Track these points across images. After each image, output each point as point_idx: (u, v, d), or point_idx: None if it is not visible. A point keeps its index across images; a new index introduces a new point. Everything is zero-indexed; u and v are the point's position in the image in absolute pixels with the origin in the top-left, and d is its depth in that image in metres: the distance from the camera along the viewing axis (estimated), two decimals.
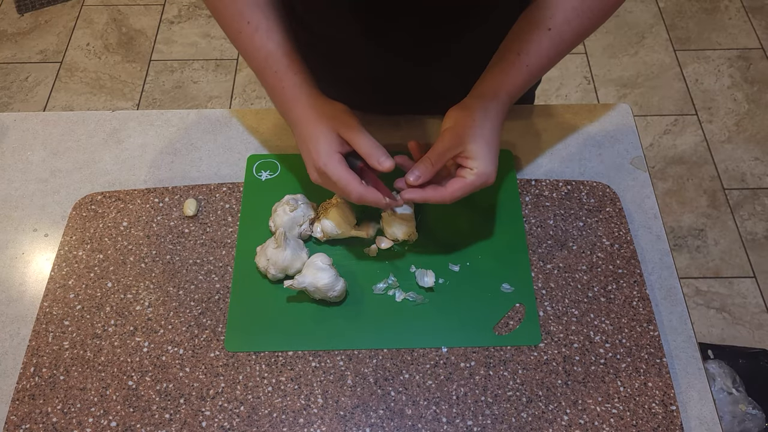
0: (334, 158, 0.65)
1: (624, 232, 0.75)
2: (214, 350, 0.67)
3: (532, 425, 0.63)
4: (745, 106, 1.99)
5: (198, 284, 0.72)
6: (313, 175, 0.68)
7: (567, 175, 0.81)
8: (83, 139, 0.85)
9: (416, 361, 0.67)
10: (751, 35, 2.15)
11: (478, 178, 0.65)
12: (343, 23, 0.76)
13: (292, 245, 0.70)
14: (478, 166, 0.65)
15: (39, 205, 0.79)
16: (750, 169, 1.85)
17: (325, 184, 0.67)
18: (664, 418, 0.63)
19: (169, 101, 2.02)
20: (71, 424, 0.63)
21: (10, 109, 1.99)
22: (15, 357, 0.68)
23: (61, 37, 2.17)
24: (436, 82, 0.83)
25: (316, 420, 0.63)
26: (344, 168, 0.65)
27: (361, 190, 0.64)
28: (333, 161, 0.65)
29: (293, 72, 0.68)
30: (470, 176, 0.65)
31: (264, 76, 0.70)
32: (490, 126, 0.66)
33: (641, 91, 2.02)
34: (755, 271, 1.67)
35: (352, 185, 0.64)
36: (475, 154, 0.65)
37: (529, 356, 0.67)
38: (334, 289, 0.67)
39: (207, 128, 0.86)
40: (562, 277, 0.72)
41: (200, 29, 2.20)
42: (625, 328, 0.68)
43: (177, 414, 0.64)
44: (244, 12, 0.68)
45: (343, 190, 0.65)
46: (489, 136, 0.66)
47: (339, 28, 0.78)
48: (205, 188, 0.79)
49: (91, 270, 0.73)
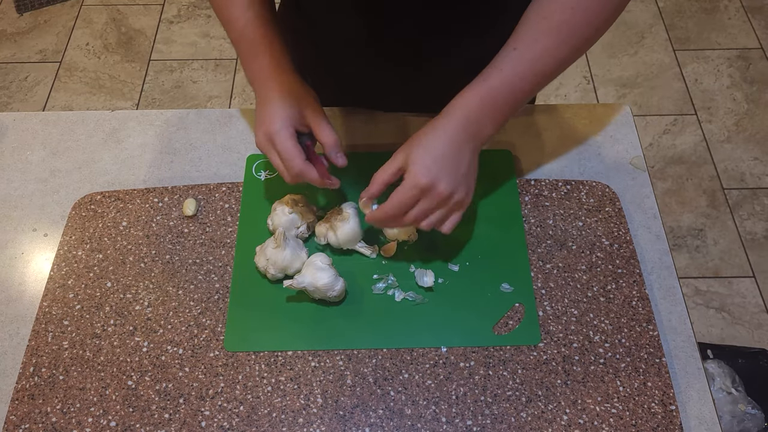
0: (288, 129, 0.67)
1: (623, 232, 0.75)
2: (214, 350, 0.67)
3: (532, 425, 0.63)
4: (744, 105, 1.99)
5: (197, 284, 0.72)
6: (260, 138, 0.69)
7: (566, 174, 0.81)
8: (82, 138, 0.85)
9: (416, 360, 0.67)
10: (750, 35, 2.15)
11: (408, 178, 0.63)
12: (338, 20, 0.77)
13: (291, 245, 0.70)
14: (411, 170, 0.63)
15: (38, 205, 0.79)
16: (749, 168, 1.85)
17: (267, 151, 0.68)
18: (664, 417, 0.63)
19: (169, 101, 2.02)
20: (71, 423, 0.63)
21: (9, 108, 1.99)
22: (14, 357, 0.68)
23: (61, 37, 2.17)
24: (434, 83, 0.83)
25: (315, 420, 0.63)
26: (293, 142, 0.67)
27: (302, 165, 0.66)
28: (286, 131, 0.66)
29: (269, 42, 0.69)
30: (402, 184, 0.64)
31: (240, 43, 0.70)
32: (434, 136, 0.64)
33: (641, 91, 2.03)
34: (754, 271, 1.67)
35: (296, 160, 0.66)
36: (412, 159, 0.63)
37: (528, 356, 0.67)
38: (333, 288, 0.67)
39: (206, 128, 0.86)
40: (561, 276, 0.72)
41: (200, 29, 2.19)
42: (625, 327, 0.68)
43: (176, 414, 0.64)
44: None
45: (286, 161, 0.66)
46: (428, 143, 0.64)
47: (340, 26, 0.78)
48: (205, 188, 0.79)
49: (91, 270, 0.73)
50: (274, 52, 0.70)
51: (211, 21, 2.21)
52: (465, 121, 0.64)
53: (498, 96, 0.65)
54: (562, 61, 0.65)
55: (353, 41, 0.79)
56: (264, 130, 0.67)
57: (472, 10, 0.74)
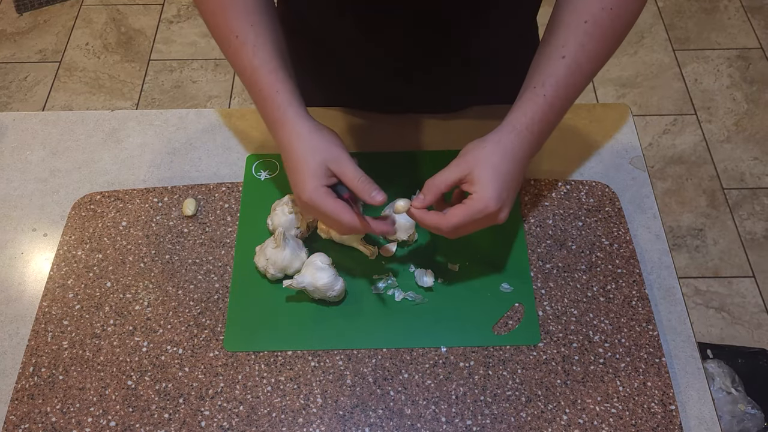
0: (320, 191, 0.63)
1: (623, 232, 0.75)
2: (214, 350, 0.67)
3: (531, 425, 0.63)
4: (744, 105, 1.99)
5: (197, 284, 0.72)
6: (301, 206, 0.66)
7: (566, 174, 0.81)
8: (82, 138, 0.85)
9: (415, 360, 0.67)
10: (750, 35, 2.15)
11: (477, 203, 0.61)
12: (337, 19, 0.76)
13: (291, 245, 0.70)
14: (477, 191, 0.61)
15: (38, 205, 0.79)
16: (749, 168, 1.85)
17: (312, 214, 0.66)
18: (663, 417, 0.63)
19: (168, 101, 2.02)
20: (70, 423, 0.63)
21: (9, 108, 1.99)
22: (14, 357, 0.68)
23: (60, 37, 2.17)
24: (431, 82, 0.83)
25: (315, 420, 0.63)
26: (332, 199, 0.63)
27: (354, 219, 0.63)
28: (320, 194, 0.63)
29: (276, 91, 0.65)
30: (469, 201, 0.62)
31: (251, 92, 0.68)
32: (502, 155, 0.63)
33: (640, 91, 2.03)
34: (754, 271, 1.67)
35: (345, 215, 0.63)
36: (477, 178, 0.62)
37: (528, 356, 0.67)
38: (333, 288, 0.67)
39: (206, 128, 0.86)
40: (561, 276, 0.72)
41: (199, 29, 2.19)
42: (624, 327, 0.68)
43: (176, 414, 0.64)
44: (233, 25, 0.65)
45: (336, 220, 0.63)
46: (498, 164, 0.62)
47: (335, 26, 0.78)
48: (204, 188, 0.79)
49: (90, 270, 0.73)
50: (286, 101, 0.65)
51: None
52: (530, 137, 0.64)
53: (555, 107, 0.64)
54: (604, 62, 0.66)
55: (354, 41, 0.79)
56: (300, 198, 0.64)
57: None
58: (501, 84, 0.77)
